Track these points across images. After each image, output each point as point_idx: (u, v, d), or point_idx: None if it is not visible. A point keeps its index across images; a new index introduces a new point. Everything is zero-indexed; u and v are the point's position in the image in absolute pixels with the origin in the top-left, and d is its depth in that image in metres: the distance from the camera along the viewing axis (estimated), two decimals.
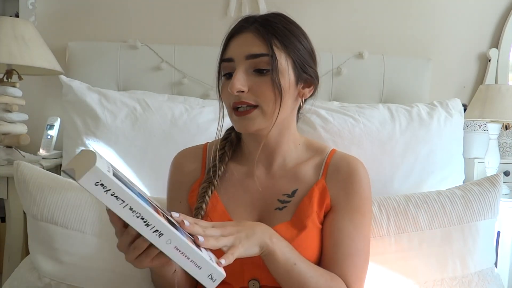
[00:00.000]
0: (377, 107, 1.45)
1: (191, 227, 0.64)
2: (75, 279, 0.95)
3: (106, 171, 0.54)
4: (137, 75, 1.67)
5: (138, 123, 1.34)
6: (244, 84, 0.78)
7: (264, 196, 0.87)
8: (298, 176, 0.88)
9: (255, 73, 0.80)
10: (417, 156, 1.36)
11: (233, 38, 0.82)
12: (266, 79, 0.79)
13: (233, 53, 0.81)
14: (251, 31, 0.80)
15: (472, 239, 1.03)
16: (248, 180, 0.88)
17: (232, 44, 0.82)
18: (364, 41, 1.83)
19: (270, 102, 0.79)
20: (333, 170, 0.88)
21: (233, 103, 0.80)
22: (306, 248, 0.81)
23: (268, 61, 0.78)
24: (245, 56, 0.79)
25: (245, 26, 0.81)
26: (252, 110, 0.79)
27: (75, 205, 0.98)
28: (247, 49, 0.79)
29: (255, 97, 0.79)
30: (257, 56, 0.79)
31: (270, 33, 0.80)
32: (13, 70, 1.53)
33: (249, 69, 0.80)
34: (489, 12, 1.94)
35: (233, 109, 0.81)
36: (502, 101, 1.64)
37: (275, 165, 0.89)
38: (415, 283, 1.01)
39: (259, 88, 0.79)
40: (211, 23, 1.81)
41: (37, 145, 1.66)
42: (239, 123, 0.81)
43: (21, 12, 1.73)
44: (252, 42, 0.80)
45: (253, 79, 0.79)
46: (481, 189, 1.08)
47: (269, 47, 0.79)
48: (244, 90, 0.78)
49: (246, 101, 0.79)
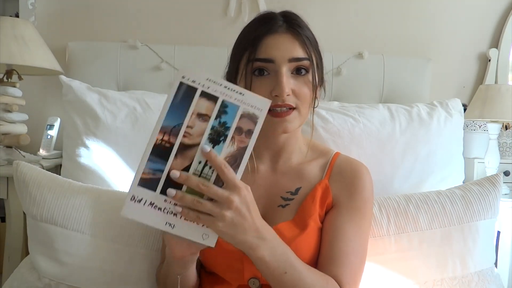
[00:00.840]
0: (377, 107, 1.45)
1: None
2: (75, 280, 0.95)
3: None
4: (137, 75, 1.67)
5: (138, 123, 1.34)
6: (290, 87, 0.79)
7: (267, 193, 0.87)
8: (302, 175, 0.88)
9: (294, 74, 0.81)
10: (417, 156, 1.36)
11: (266, 38, 0.81)
12: (305, 81, 0.81)
13: (272, 54, 0.80)
14: (286, 32, 0.81)
15: (472, 239, 1.03)
16: (252, 176, 0.88)
17: (268, 44, 0.80)
18: (364, 41, 1.83)
19: (306, 104, 0.82)
20: (337, 172, 0.88)
21: (273, 104, 0.78)
22: (307, 247, 0.81)
23: (308, 64, 0.81)
24: (288, 59, 0.80)
25: (278, 25, 0.81)
26: (291, 111, 0.80)
27: (74, 205, 0.98)
28: (289, 52, 0.80)
29: (296, 100, 0.80)
30: (300, 60, 0.80)
31: (306, 36, 0.82)
32: (13, 70, 1.53)
33: (289, 70, 0.81)
34: (489, 12, 1.94)
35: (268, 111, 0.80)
36: (502, 101, 1.64)
37: (280, 163, 0.89)
38: (415, 283, 1.01)
39: (299, 91, 0.81)
40: (211, 23, 1.81)
41: (37, 145, 1.66)
42: (278, 125, 0.80)
43: (21, 12, 1.73)
44: (293, 45, 0.81)
45: (293, 81, 0.81)
46: (481, 189, 1.08)
47: (308, 51, 0.81)
48: (290, 94, 0.79)
49: (289, 103, 0.79)
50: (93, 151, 1.31)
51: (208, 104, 0.59)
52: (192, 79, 0.59)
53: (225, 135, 0.59)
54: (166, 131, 0.59)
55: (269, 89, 0.79)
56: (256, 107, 0.60)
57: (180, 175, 0.59)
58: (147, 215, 0.60)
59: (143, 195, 0.59)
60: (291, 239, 0.79)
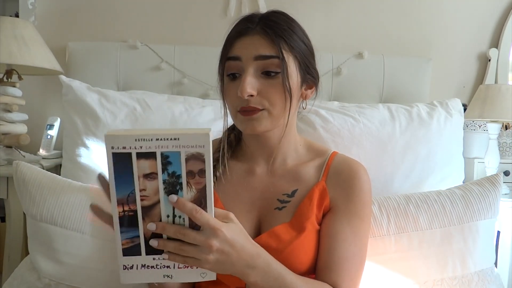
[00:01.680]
0: (377, 107, 1.45)
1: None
2: (75, 280, 0.95)
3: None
4: (137, 75, 1.67)
5: (138, 123, 1.34)
6: (254, 88, 0.77)
7: (263, 195, 0.87)
8: (298, 177, 0.87)
9: (263, 75, 0.79)
10: (417, 156, 1.36)
11: (239, 38, 0.80)
12: (274, 82, 0.79)
13: (240, 52, 0.79)
14: (258, 33, 0.79)
15: (472, 239, 1.03)
16: (248, 179, 0.88)
17: (238, 44, 0.80)
18: (364, 41, 1.83)
19: (278, 106, 0.79)
20: (334, 173, 0.87)
21: (240, 107, 0.79)
22: (304, 250, 0.81)
23: (278, 63, 0.78)
24: (254, 56, 0.78)
25: (250, 27, 0.80)
26: (258, 111, 0.79)
27: (74, 205, 0.98)
28: (255, 50, 0.78)
29: (264, 101, 0.79)
30: (266, 58, 0.78)
31: (278, 35, 0.79)
32: (13, 70, 1.53)
33: (257, 71, 0.79)
34: (489, 12, 1.94)
35: (238, 110, 0.80)
36: (502, 101, 1.64)
37: (276, 165, 0.88)
38: (415, 283, 1.01)
39: (268, 92, 0.78)
40: (211, 23, 1.81)
41: (37, 145, 1.66)
42: (246, 124, 0.80)
43: (21, 12, 1.73)
44: (260, 43, 0.79)
45: (262, 82, 0.79)
46: (481, 189, 1.08)
47: (279, 50, 0.78)
48: (254, 94, 0.78)
49: (254, 106, 0.78)
50: (93, 151, 1.31)
51: (149, 162, 0.56)
52: (122, 146, 0.55)
53: (179, 183, 0.57)
54: (124, 202, 0.58)
55: (236, 90, 0.79)
56: (197, 145, 0.56)
57: (157, 225, 0.58)
58: (144, 276, 0.61)
59: (132, 262, 0.61)
60: (288, 242, 0.79)
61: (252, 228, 0.84)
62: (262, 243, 0.79)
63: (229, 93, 0.82)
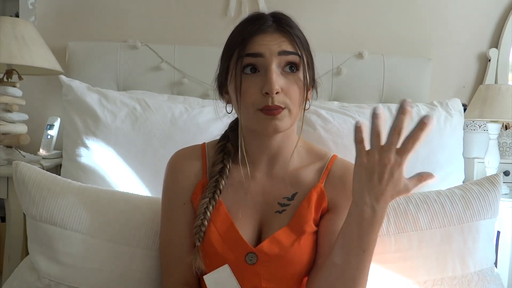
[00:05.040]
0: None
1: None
2: (75, 280, 0.95)
3: None
4: (137, 75, 1.67)
5: (138, 123, 1.34)
6: (280, 84, 0.77)
7: (264, 199, 0.86)
8: (298, 180, 0.87)
9: (284, 72, 0.79)
10: (417, 156, 1.36)
11: (258, 35, 0.79)
12: (295, 79, 0.79)
13: (262, 49, 0.77)
14: (277, 30, 0.79)
15: (472, 239, 1.03)
16: (249, 183, 0.87)
17: (258, 40, 0.78)
18: (364, 41, 1.83)
19: (297, 104, 0.79)
20: (333, 176, 0.87)
21: (264, 106, 0.76)
22: (303, 252, 0.81)
23: (298, 60, 0.79)
24: (278, 51, 0.77)
25: (268, 25, 0.80)
26: (281, 110, 0.77)
27: (74, 205, 0.98)
28: (278, 46, 0.78)
29: (286, 99, 0.78)
30: (289, 54, 0.78)
31: (294, 34, 0.80)
32: (13, 70, 1.53)
33: (278, 67, 0.78)
34: (489, 12, 1.94)
35: (259, 109, 0.78)
36: (502, 101, 1.64)
37: (276, 168, 0.88)
38: (415, 282, 1.01)
39: (289, 89, 0.78)
40: (211, 23, 1.81)
41: (37, 145, 1.66)
42: (267, 123, 0.78)
43: (21, 12, 1.74)
44: (282, 40, 0.79)
45: (283, 79, 0.78)
46: (481, 189, 1.08)
47: (297, 48, 0.79)
48: (279, 91, 0.77)
49: (278, 104, 0.77)
50: (93, 151, 1.32)
51: None
52: None
53: None
54: None
55: (259, 86, 0.77)
56: None
57: None
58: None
59: None
60: (289, 246, 0.80)
61: (254, 232, 0.85)
62: (265, 250, 0.80)
63: (249, 90, 0.78)
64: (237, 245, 0.81)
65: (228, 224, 0.83)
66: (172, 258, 0.87)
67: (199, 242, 0.82)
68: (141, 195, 1.09)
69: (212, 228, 0.82)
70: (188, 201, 0.88)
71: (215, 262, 0.82)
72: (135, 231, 0.98)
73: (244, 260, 0.81)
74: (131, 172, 1.32)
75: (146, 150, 1.32)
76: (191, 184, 0.88)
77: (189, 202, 0.88)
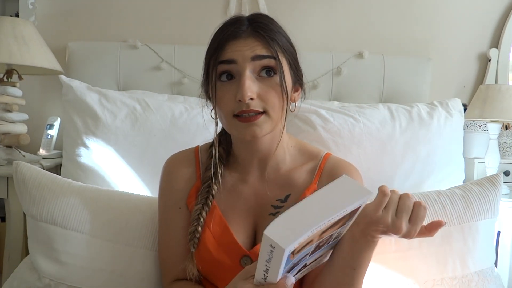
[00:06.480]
0: (377, 107, 1.45)
1: None
2: (75, 280, 0.95)
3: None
4: (137, 75, 1.67)
5: (138, 123, 1.34)
6: (253, 91, 0.75)
7: (258, 202, 0.86)
8: (291, 181, 0.86)
9: (260, 77, 0.77)
10: (417, 156, 1.36)
11: (231, 41, 0.78)
12: (272, 83, 0.77)
13: (235, 55, 0.76)
14: (251, 34, 0.77)
15: (472, 238, 1.03)
16: (242, 186, 0.87)
17: (231, 47, 0.77)
18: (364, 41, 1.83)
19: (277, 108, 0.77)
20: (326, 175, 0.87)
21: (239, 111, 0.75)
22: None
23: (274, 64, 0.77)
24: (251, 57, 0.76)
25: (241, 30, 0.78)
26: (259, 116, 0.76)
27: (74, 205, 0.98)
28: (251, 51, 0.76)
29: (263, 104, 0.76)
30: (263, 58, 0.76)
31: (271, 36, 0.78)
32: (13, 70, 1.53)
33: (253, 73, 0.77)
34: (489, 12, 1.94)
35: (235, 116, 0.77)
36: (502, 101, 1.64)
37: (268, 170, 0.87)
38: (415, 282, 1.00)
39: (266, 94, 0.76)
40: (211, 23, 1.76)
41: (37, 145, 1.66)
42: (245, 130, 0.77)
43: (21, 12, 1.74)
44: (255, 44, 0.77)
45: (259, 84, 0.77)
46: (481, 189, 1.08)
47: (274, 50, 0.77)
48: (254, 98, 0.75)
49: (254, 108, 0.75)
50: (93, 151, 1.32)
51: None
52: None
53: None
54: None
55: (233, 94, 0.76)
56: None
57: None
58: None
59: None
60: None
61: (249, 235, 0.85)
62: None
63: (223, 98, 0.78)
64: (232, 248, 0.81)
65: (223, 228, 0.83)
66: (169, 261, 0.88)
67: (193, 248, 0.82)
68: (141, 195, 1.09)
69: (207, 232, 0.82)
70: (184, 205, 0.88)
71: (210, 266, 0.82)
72: (135, 231, 0.98)
73: (239, 263, 0.81)
74: (131, 172, 1.32)
75: (146, 150, 1.32)
76: (185, 188, 0.88)
77: (184, 206, 0.88)
